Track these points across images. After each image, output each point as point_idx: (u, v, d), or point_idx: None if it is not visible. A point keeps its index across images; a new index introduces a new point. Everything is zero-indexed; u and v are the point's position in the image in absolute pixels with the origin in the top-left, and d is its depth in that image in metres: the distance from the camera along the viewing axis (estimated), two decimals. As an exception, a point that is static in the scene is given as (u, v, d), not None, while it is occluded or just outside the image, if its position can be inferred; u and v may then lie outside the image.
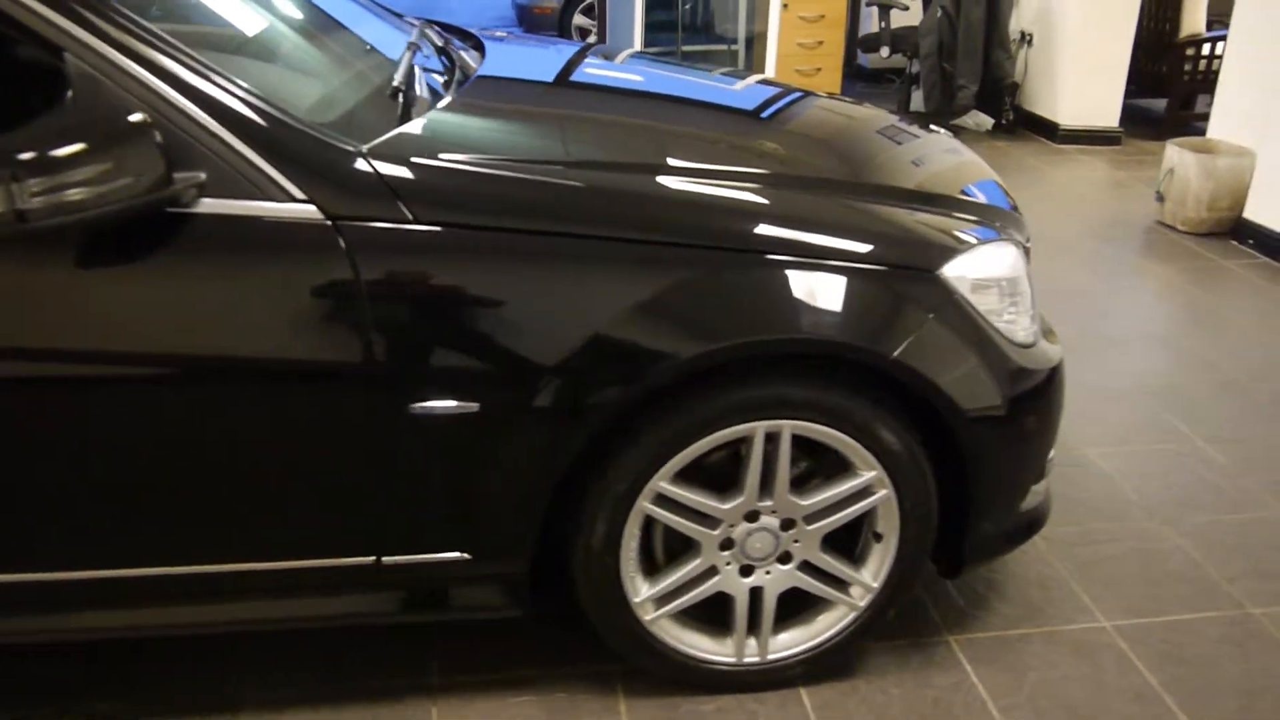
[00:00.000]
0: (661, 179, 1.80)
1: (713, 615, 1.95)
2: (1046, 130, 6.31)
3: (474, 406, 1.64)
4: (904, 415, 1.81)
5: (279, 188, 1.55)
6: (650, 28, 6.81)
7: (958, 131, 6.44)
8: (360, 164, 1.59)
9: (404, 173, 1.61)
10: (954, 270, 1.81)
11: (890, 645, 2.11)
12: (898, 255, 1.78)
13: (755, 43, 6.63)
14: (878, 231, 1.81)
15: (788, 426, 1.75)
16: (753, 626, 1.94)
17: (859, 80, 7.87)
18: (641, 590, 1.86)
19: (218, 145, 1.52)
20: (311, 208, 1.55)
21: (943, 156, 2.29)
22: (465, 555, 1.76)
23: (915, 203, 1.95)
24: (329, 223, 1.56)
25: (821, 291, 1.71)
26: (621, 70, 2.58)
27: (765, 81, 2.74)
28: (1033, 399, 1.90)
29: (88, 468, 1.61)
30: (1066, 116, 6.18)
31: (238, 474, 1.64)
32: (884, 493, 1.84)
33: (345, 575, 1.76)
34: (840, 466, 1.84)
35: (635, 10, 6.52)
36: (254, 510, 1.68)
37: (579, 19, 9.06)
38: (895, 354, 1.72)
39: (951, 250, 1.83)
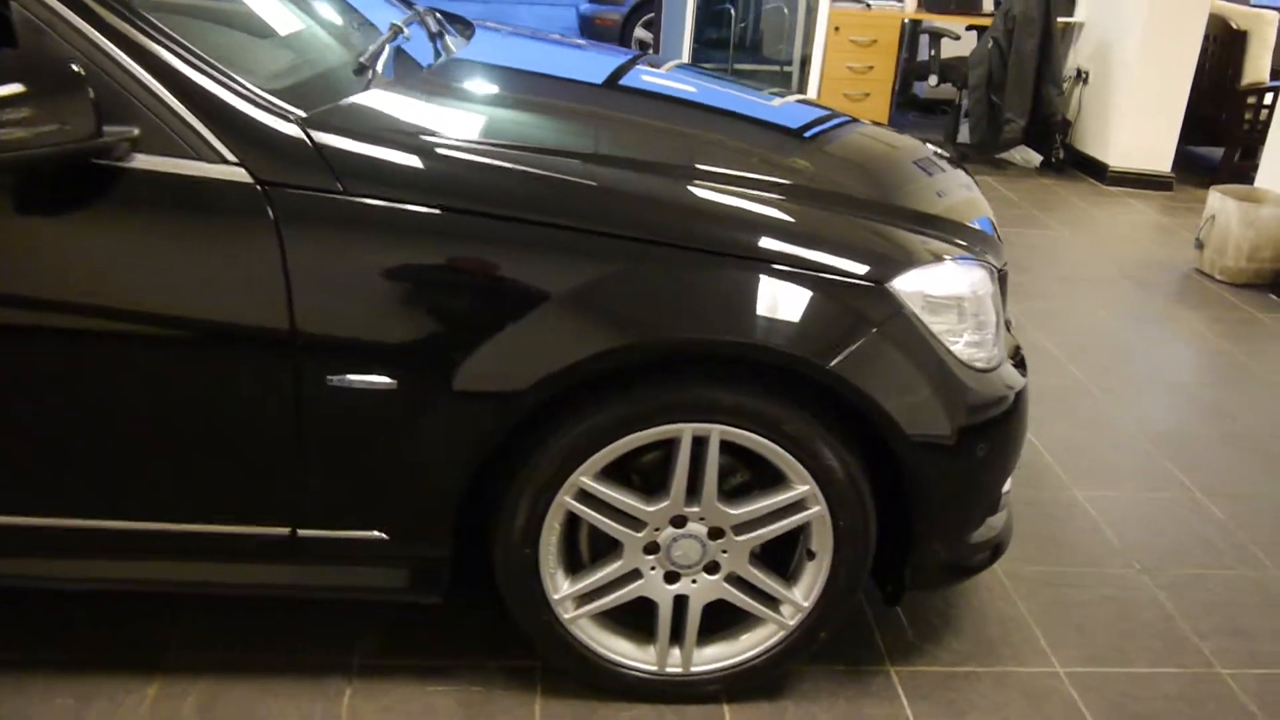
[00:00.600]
0: (600, 168, 1.76)
1: (639, 621, 1.90)
2: (1096, 171, 6.15)
3: (391, 383, 1.61)
4: (846, 432, 1.75)
5: (211, 148, 1.54)
6: (703, 45, 6.80)
7: (1004, 167, 6.31)
8: (294, 130, 1.58)
9: (339, 143, 1.59)
10: (906, 284, 1.74)
11: (827, 669, 2.04)
12: (843, 262, 1.72)
13: (807, 64, 6.57)
14: (826, 238, 1.75)
15: (716, 431, 1.70)
16: (677, 636, 1.88)
17: (912, 109, 7.75)
18: (562, 587, 1.81)
19: (153, 101, 1.53)
20: (241, 170, 1.55)
21: (959, 190, 2.23)
22: (381, 535, 1.74)
23: (892, 217, 1.89)
24: (258, 187, 1.55)
25: (755, 294, 1.66)
26: (607, 67, 2.55)
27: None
28: (987, 427, 1.83)
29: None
30: (1117, 158, 6.02)
31: (153, 431, 1.64)
32: (817, 509, 1.77)
33: (260, 544, 1.74)
34: (777, 479, 1.79)
35: (686, 27, 6.52)
36: (166, 469, 1.67)
37: (640, 32, 9.09)
38: (830, 365, 1.66)
39: (903, 263, 1.76)
